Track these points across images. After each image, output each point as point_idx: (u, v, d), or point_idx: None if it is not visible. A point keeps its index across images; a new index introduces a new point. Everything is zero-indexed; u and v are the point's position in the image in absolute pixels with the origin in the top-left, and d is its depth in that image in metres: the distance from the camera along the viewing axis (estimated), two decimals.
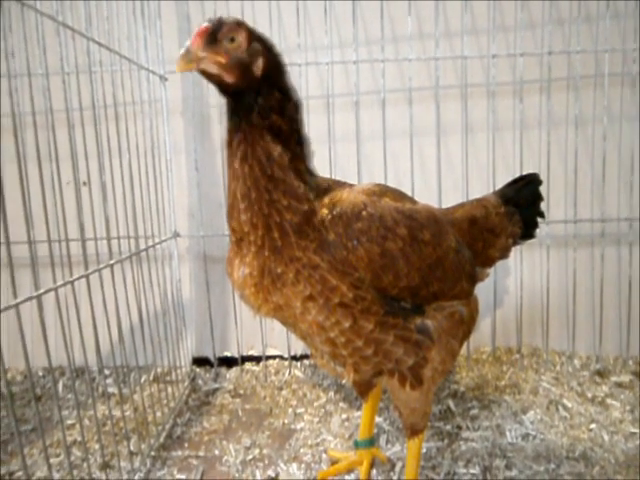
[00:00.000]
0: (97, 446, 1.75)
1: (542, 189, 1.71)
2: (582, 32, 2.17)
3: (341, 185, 1.32)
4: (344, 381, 1.27)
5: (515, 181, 1.72)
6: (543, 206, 1.71)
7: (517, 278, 2.34)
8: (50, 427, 1.99)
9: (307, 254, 1.14)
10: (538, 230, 1.71)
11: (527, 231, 1.67)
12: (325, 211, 1.17)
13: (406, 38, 2.20)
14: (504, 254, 1.62)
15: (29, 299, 1.20)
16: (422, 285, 1.24)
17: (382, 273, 1.17)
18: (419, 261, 1.22)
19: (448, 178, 2.31)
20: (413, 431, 1.39)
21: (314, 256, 1.14)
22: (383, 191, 1.30)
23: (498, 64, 2.24)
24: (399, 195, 1.35)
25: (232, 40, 1.09)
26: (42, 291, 1.25)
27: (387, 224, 1.19)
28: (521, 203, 1.64)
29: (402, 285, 1.20)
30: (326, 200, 1.20)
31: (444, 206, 1.67)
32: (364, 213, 1.18)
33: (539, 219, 1.71)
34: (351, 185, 1.36)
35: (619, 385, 2.15)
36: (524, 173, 1.76)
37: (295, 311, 1.18)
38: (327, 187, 1.26)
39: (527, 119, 2.27)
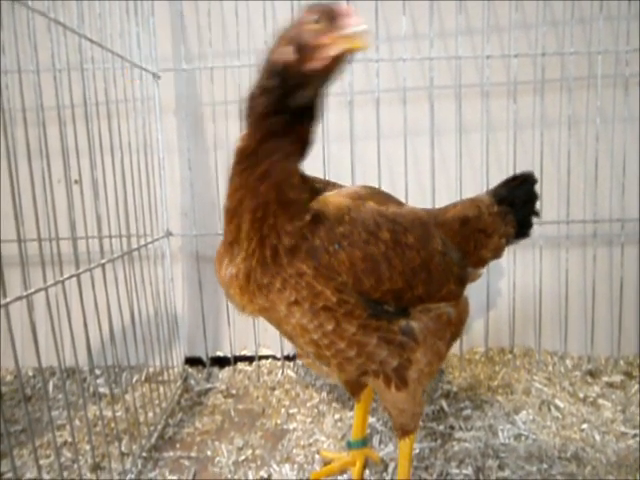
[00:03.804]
0: (88, 447, 1.73)
1: (535, 189, 1.70)
2: (575, 34, 2.18)
3: (330, 186, 1.31)
4: (331, 380, 1.26)
5: (509, 180, 1.69)
6: (536, 206, 1.71)
7: (510, 279, 2.34)
8: (40, 428, 1.97)
9: (296, 264, 1.12)
10: (532, 230, 1.70)
11: (521, 230, 1.64)
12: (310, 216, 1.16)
13: (400, 38, 2.19)
14: (497, 254, 1.60)
15: (19, 299, 1.19)
16: (406, 289, 1.23)
17: (364, 277, 1.16)
18: (402, 265, 1.21)
19: (442, 178, 2.31)
20: (403, 432, 1.39)
21: (301, 264, 1.12)
22: (369, 194, 1.29)
23: (492, 65, 2.24)
24: (385, 198, 1.34)
25: None
26: (32, 290, 1.24)
27: (369, 228, 1.18)
28: (515, 202, 1.62)
29: (385, 289, 1.19)
30: (313, 204, 1.18)
31: (437, 206, 1.66)
32: (346, 217, 1.17)
33: (534, 218, 1.69)
34: (341, 186, 1.35)
35: (610, 385, 2.16)
36: (518, 172, 1.74)
37: (279, 314, 1.18)
38: (317, 189, 1.24)
39: (521, 120, 2.27)
